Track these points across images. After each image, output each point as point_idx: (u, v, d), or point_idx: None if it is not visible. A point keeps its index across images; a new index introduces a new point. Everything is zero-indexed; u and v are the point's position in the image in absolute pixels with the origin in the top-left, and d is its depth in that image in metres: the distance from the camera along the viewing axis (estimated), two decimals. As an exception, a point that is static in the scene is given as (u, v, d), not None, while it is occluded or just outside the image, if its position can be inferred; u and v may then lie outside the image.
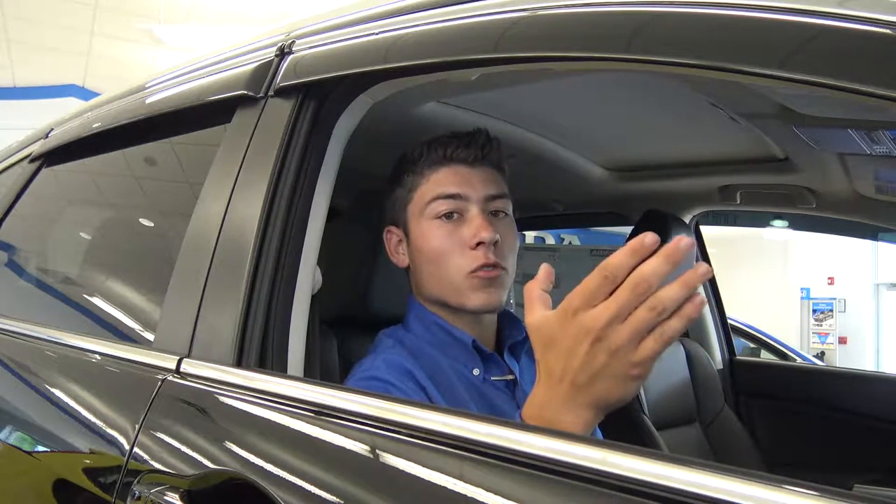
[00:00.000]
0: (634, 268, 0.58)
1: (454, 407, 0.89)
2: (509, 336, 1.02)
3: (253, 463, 0.70)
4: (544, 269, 0.67)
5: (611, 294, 0.59)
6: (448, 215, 0.95)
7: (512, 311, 0.99)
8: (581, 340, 0.60)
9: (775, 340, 4.40)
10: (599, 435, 0.92)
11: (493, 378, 0.97)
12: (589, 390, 0.61)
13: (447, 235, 0.94)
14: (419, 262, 0.98)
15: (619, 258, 0.59)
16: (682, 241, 0.57)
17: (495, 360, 0.99)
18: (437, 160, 0.97)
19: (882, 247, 8.67)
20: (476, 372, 0.96)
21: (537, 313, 0.64)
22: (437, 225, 0.95)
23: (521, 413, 0.67)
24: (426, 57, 0.80)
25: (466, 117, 1.28)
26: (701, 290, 1.99)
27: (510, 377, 0.99)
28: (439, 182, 0.96)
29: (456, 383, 0.93)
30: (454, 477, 0.56)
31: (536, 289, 0.66)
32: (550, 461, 0.52)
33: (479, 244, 0.92)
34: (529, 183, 1.05)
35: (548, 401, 0.63)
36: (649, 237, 0.58)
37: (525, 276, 1.01)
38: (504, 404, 0.95)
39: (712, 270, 0.58)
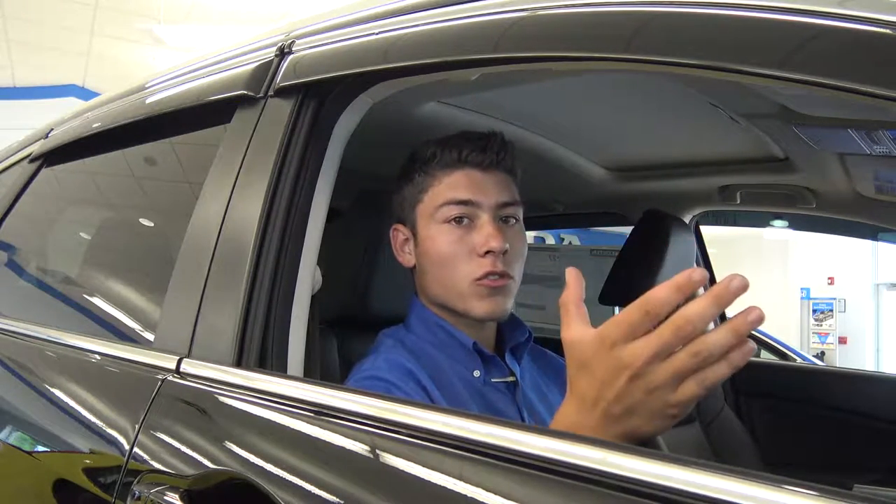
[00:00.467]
0: (678, 304, 0.54)
1: (455, 407, 0.89)
2: (511, 338, 1.02)
3: (253, 463, 0.70)
4: (573, 277, 0.62)
5: (654, 328, 0.55)
6: (458, 220, 0.94)
7: (511, 310, 0.99)
8: (618, 374, 0.57)
9: (775, 340, 4.38)
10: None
11: (493, 380, 0.97)
12: (622, 422, 0.58)
13: (456, 241, 0.94)
14: (425, 263, 0.97)
15: (662, 294, 0.55)
16: (733, 281, 0.53)
17: (496, 363, 0.99)
18: (451, 162, 0.96)
19: (882, 247, 8.67)
20: (477, 374, 0.96)
21: (574, 330, 0.61)
22: (447, 230, 0.95)
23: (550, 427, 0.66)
24: (426, 57, 0.80)
25: (466, 117, 1.28)
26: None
27: (511, 379, 0.99)
28: (452, 186, 0.95)
29: (457, 384, 0.93)
30: (454, 477, 0.56)
31: (572, 301, 0.62)
32: (550, 461, 0.52)
33: (487, 252, 0.92)
34: (529, 183, 1.05)
35: (578, 424, 0.60)
36: (697, 274, 0.54)
37: (525, 276, 1.01)
38: (505, 406, 0.95)
39: (763, 315, 0.53)
